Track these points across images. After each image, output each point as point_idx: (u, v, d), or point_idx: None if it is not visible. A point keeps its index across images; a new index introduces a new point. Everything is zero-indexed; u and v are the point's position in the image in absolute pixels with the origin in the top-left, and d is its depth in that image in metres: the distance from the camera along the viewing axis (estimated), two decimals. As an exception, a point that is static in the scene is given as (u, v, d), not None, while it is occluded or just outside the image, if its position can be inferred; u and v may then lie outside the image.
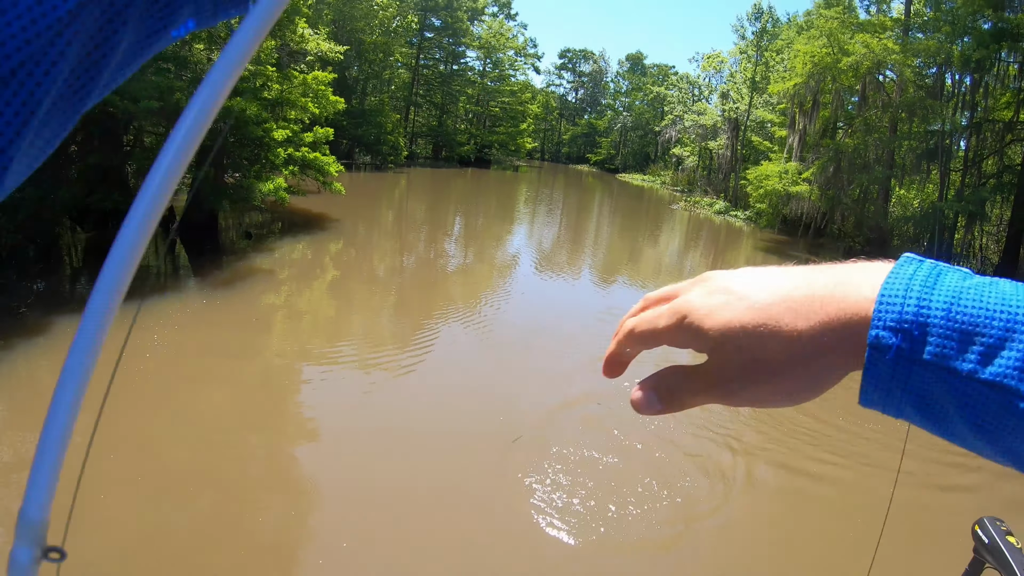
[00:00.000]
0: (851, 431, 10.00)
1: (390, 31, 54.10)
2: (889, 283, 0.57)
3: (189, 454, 7.23)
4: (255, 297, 13.57)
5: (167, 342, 10.38)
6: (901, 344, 0.55)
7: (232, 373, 9.59)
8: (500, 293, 16.25)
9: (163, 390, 8.67)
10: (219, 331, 11.27)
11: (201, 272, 15.17)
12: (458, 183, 50.37)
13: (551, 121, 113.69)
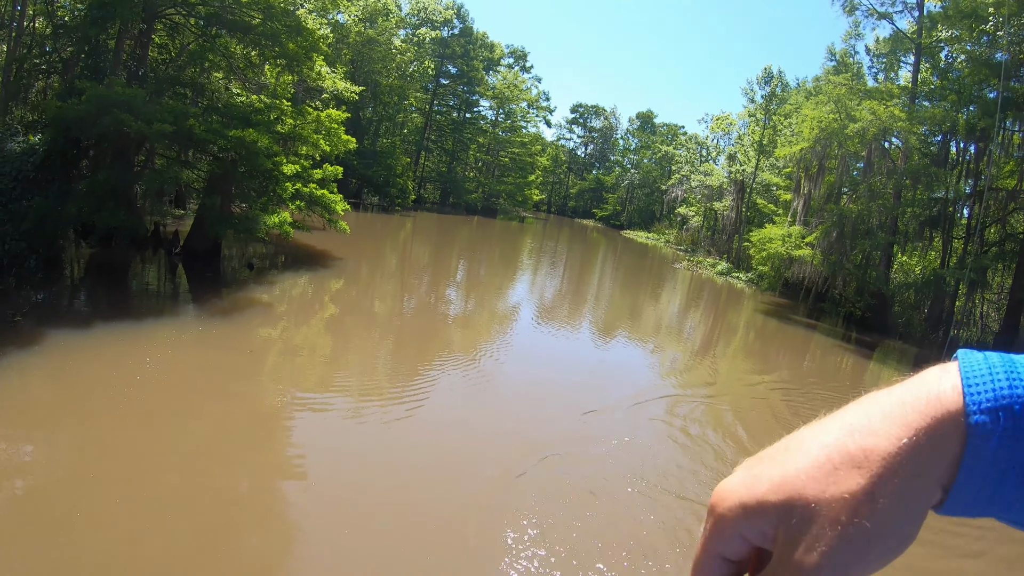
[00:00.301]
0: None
1: (406, 75, 54.86)
2: (966, 369, 0.54)
3: (173, 480, 7.17)
4: (252, 328, 13.52)
5: (160, 365, 10.37)
6: (1005, 424, 0.52)
7: (223, 403, 9.53)
8: (498, 344, 16.11)
9: (151, 413, 8.63)
10: (213, 359, 11.23)
11: (200, 299, 15.20)
12: (464, 230, 50.53)
13: (559, 174, 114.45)
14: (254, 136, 16.73)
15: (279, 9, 20.00)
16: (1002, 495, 0.53)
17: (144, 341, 11.30)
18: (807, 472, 0.56)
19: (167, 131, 15.45)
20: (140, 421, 8.35)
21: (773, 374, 18.57)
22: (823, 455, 0.56)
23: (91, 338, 11.22)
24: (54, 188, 15.86)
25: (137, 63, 19.12)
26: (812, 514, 0.54)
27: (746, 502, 0.58)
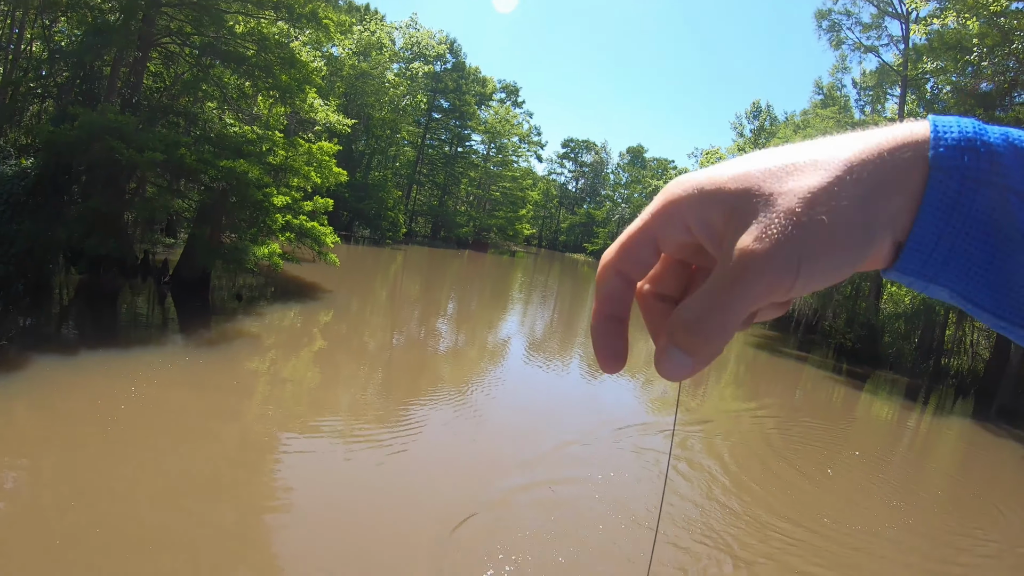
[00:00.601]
0: (838, 538, 9.88)
1: (399, 109, 55.22)
2: (936, 118, 0.54)
3: (158, 513, 7.07)
4: (240, 360, 13.41)
5: (146, 396, 10.26)
6: (968, 163, 0.51)
7: (209, 435, 9.41)
8: (488, 379, 15.93)
9: (136, 444, 8.51)
10: (200, 391, 11.10)
11: (188, 329, 15.10)
12: (454, 264, 50.56)
13: (550, 208, 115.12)
14: (245, 167, 16.75)
15: (273, 41, 20.14)
16: (959, 255, 0.53)
17: (130, 370, 11.19)
18: (769, 169, 0.55)
19: (158, 159, 15.46)
20: (125, 452, 8.24)
21: (764, 407, 18.53)
22: (787, 158, 0.56)
23: (76, 365, 11.12)
24: (44, 212, 15.84)
25: (131, 91, 19.20)
26: (769, 203, 0.53)
27: (704, 186, 0.57)
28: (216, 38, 19.42)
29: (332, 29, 21.99)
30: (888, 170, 0.53)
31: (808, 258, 0.51)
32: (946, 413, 23.16)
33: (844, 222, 0.52)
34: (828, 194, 0.52)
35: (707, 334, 0.55)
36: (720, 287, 0.54)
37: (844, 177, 0.53)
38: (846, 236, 0.52)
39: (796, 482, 11.86)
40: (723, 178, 0.56)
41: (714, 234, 0.57)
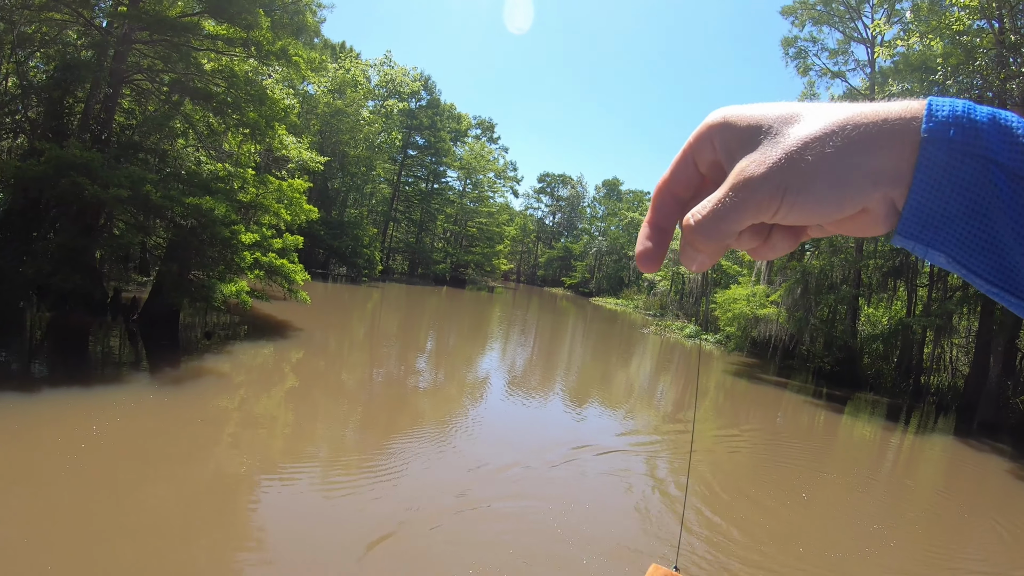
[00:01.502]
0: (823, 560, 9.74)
1: (374, 146, 55.32)
2: (933, 98, 0.60)
3: (124, 552, 6.83)
4: (208, 399, 13.12)
5: (110, 434, 10.00)
6: (953, 136, 0.58)
7: (177, 475, 9.13)
8: (469, 416, 15.61)
9: (101, 482, 8.28)
10: (166, 430, 10.82)
11: (155, 367, 14.83)
12: (432, 300, 50.32)
13: (528, 243, 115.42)
14: (211, 204, 16.56)
15: (242, 78, 20.09)
16: (952, 221, 0.60)
17: (94, 408, 10.94)
18: (782, 115, 0.65)
19: (123, 196, 15.27)
20: (92, 492, 7.99)
21: (745, 434, 18.41)
22: (799, 109, 0.66)
23: (40, 403, 10.88)
24: (12, 248, 15.64)
25: (101, 127, 19.03)
26: (773, 139, 0.63)
27: (730, 116, 0.67)
28: (185, 75, 19.35)
29: (303, 67, 21.99)
30: (876, 133, 0.60)
31: (791, 189, 0.61)
32: (928, 431, 23.15)
33: (826, 166, 0.61)
34: (819, 141, 0.61)
35: (707, 233, 0.65)
36: (720, 196, 0.65)
37: (836, 131, 0.61)
38: (826, 177, 0.61)
39: (774, 507, 11.74)
40: (746, 113, 0.67)
41: (730, 155, 0.67)
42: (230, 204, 17.98)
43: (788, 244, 0.71)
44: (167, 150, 20.49)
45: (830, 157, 0.60)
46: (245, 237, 17.88)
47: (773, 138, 0.64)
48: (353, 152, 51.37)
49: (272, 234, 20.43)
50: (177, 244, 18.10)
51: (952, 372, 31.34)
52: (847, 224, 0.66)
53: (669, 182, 0.73)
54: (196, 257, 18.36)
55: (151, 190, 15.66)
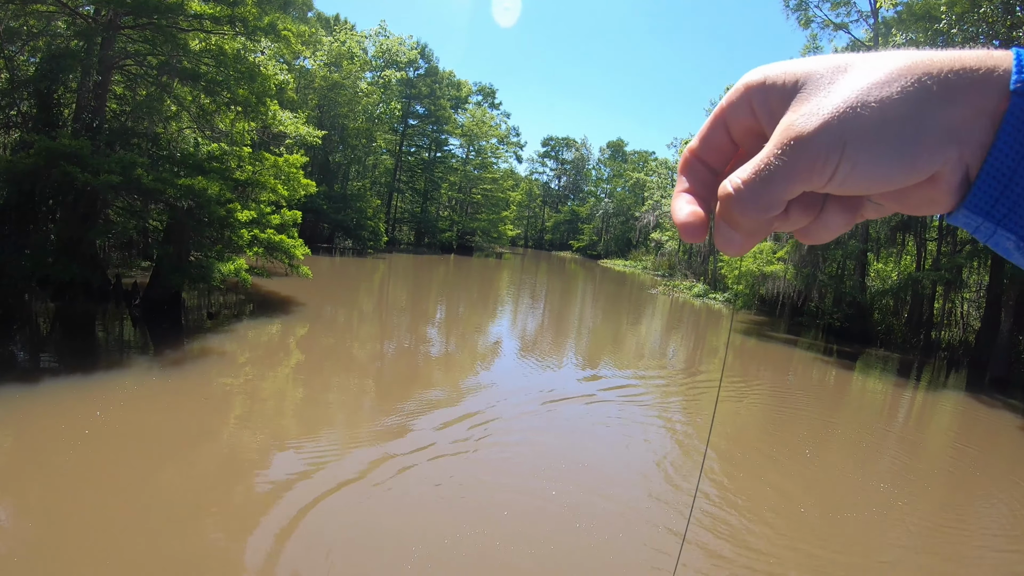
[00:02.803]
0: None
1: (373, 117, 54.92)
2: (1019, 48, 0.52)
3: (137, 537, 6.73)
4: (211, 378, 13.03)
5: (114, 420, 9.91)
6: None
7: (183, 456, 9.03)
8: (484, 386, 15.28)
9: (109, 468, 8.20)
10: (170, 411, 10.74)
11: (157, 351, 14.71)
12: (440, 269, 50.18)
13: (534, 208, 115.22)
14: (204, 184, 16.38)
15: (231, 56, 19.81)
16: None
17: (97, 395, 10.87)
18: (834, 64, 0.56)
19: (114, 182, 15.10)
20: (100, 477, 7.95)
21: (755, 391, 18.26)
22: (852, 58, 0.57)
23: (42, 392, 10.81)
24: (10, 241, 15.57)
25: (93, 115, 18.82)
26: (825, 89, 0.54)
27: (770, 72, 0.58)
28: (172, 56, 19.09)
29: (293, 41, 21.69)
30: (955, 80, 0.52)
31: (853, 142, 0.52)
32: (939, 387, 22.92)
33: (894, 116, 0.51)
34: (883, 86, 0.52)
35: (750, 203, 0.56)
36: (765, 157, 0.55)
37: (905, 75, 0.52)
38: (894, 129, 0.52)
39: (783, 463, 11.60)
40: (791, 68, 0.58)
41: (772, 115, 0.58)
42: (225, 183, 17.81)
43: (843, 221, 0.60)
44: (160, 133, 20.29)
45: (898, 105, 0.51)
46: (242, 215, 17.73)
47: (826, 87, 0.54)
48: (353, 125, 51.00)
49: (271, 210, 20.30)
50: (174, 226, 17.97)
51: (963, 327, 31.08)
52: (911, 195, 0.56)
53: (698, 150, 0.65)
54: (194, 238, 18.22)
55: (142, 174, 15.48)
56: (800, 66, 0.56)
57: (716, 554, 7.90)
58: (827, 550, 8.34)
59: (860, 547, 8.57)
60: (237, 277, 18.09)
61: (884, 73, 0.52)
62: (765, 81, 0.58)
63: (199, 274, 17.53)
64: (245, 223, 18.08)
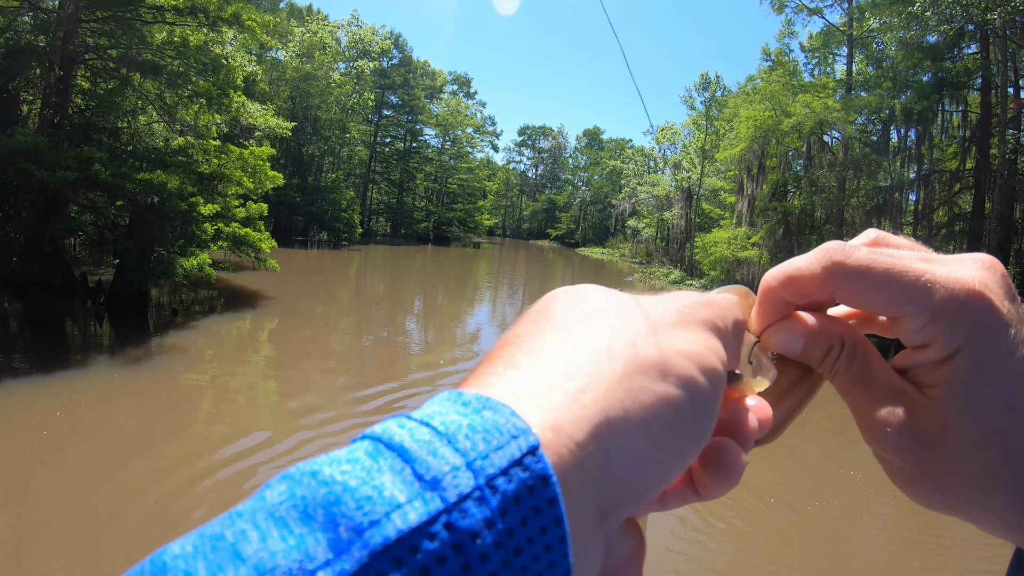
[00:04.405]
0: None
1: (347, 108, 54.55)
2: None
3: (110, 541, 6.52)
4: (176, 374, 12.74)
5: (75, 419, 9.65)
6: None
7: (147, 454, 8.77)
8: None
9: (76, 468, 7.97)
10: (133, 410, 10.50)
11: (122, 348, 14.43)
12: (416, 260, 49.93)
13: (511, 197, 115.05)
14: (163, 178, 16.07)
15: (194, 48, 19.50)
16: None
17: (57, 395, 10.56)
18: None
19: (70, 178, 14.80)
20: (62, 478, 7.68)
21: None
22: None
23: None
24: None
25: (55, 111, 18.47)
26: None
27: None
28: (131, 48, 18.76)
29: (258, 31, 21.34)
30: None
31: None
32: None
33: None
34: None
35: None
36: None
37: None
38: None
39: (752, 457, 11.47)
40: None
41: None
42: (187, 176, 17.52)
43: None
44: (122, 128, 19.96)
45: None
46: (205, 209, 17.45)
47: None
48: (325, 116, 50.56)
49: (237, 204, 20.02)
50: (136, 222, 17.67)
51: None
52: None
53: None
54: (156, 233, 17.92)
55: (100, 169, 15.18)
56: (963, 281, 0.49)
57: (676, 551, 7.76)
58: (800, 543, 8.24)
59: (830, 539, 8.48)
60: (201, 272, 17.83)
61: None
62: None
63: (161, 270, 17.23)
64: (209, 217, 17.80)
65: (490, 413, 0.32)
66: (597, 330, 0.41)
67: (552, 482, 0.30)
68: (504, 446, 0.30)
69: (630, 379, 0.37)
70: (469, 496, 0.28)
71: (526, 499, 0.29)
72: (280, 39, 45.27)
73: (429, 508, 0.27)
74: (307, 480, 0.28)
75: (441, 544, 0.26)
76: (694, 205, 51.42)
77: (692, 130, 59.73)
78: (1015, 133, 25.36)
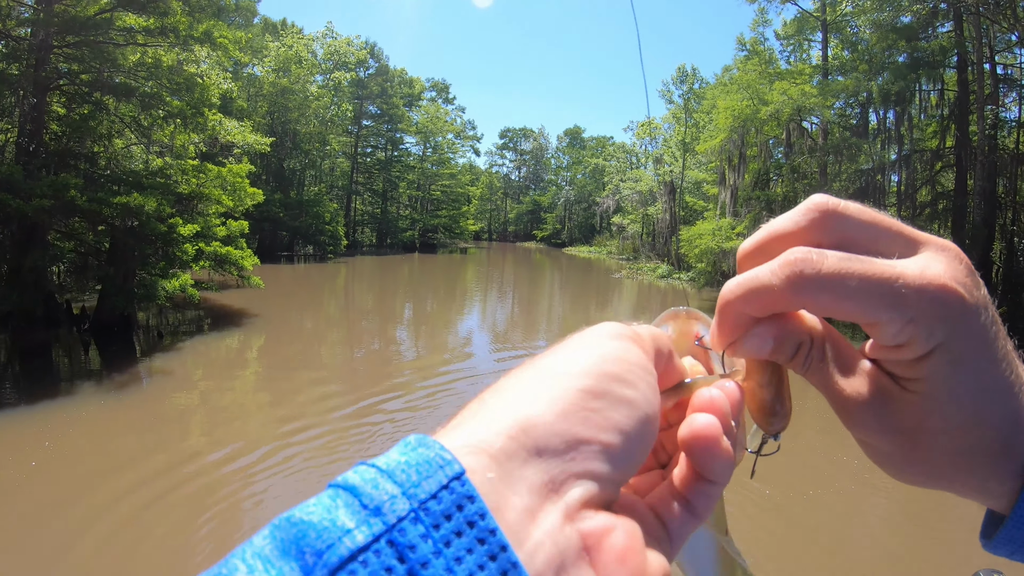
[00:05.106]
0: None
1: (326, 121, 54.41)
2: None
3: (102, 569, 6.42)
4: (165, 397, 12.64)
5: (64, 448, 9.54)
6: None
7: (143, 477, 8.70)
8: (458, 384, 15.17)
9: (61, 498, 7.86)
10: (121, 437, 10.40)
11: (108, 375, 14.29)
12: (404, 269, 49.85)
13: (496, 201, 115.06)
14: (140, 200, 15.94)
15: (166, 68, 19.39)
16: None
17: (44, 426, 10.45)
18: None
19: (46, 206, 14.66)
20: (53, 509, 7.58)
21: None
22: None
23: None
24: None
25: (30, 138, 18.32)
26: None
27: None
28: (101, 72, 18.62)
29: (231, 48, 21.23)
30: None
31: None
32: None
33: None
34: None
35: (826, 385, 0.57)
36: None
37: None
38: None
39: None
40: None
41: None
42: (164, 197, 17.39)
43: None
44: (98, 152, 19.80)
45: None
46: (184, 229, 17.32)
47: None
48: (304, 129, 50.43)
49: (218, 222, 19.91)
50: (116, 246, 17.54)
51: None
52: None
53: None
54: (137, 257, 17.78)
55: (75, 195, 15.05)
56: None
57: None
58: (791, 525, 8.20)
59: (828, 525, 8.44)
60: (184, 293, 17.72)
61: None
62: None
63: (143, 293, 17.13)
64: (189, 237, 17.66)
65: (424, 450, 0.37)
66: (553, 362, 0.47)
67: (477, 499, 0.36)
68: (433, 475, 0.36)
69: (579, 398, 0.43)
70: (405, 518, 0.34)
71: (456, 515, 0.35)
72: (255, 55, 45.09)
73: (373, 530, 0.33)
74: (284, 523, 0.34)
75: (386, 557, 0.33)
76: (677, 198, 51.46)
77: (672, 124, 59.83)
78: (993, 109, 25.41)
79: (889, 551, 7.93)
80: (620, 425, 0.43)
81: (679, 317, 0.67)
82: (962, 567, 6.68)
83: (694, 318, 0.67)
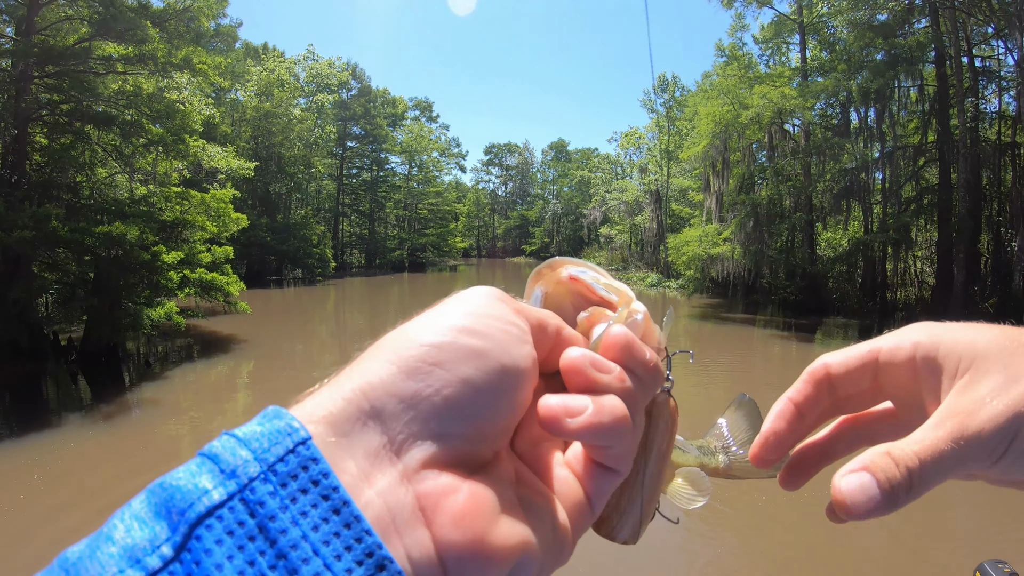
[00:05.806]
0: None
1: (310, 143, 54.40)
2: None
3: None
4: (154, 427, 12.52)
5: (52, 480, 9.42)
6: None
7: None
8: None
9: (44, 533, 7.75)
10: (110, 465, 10.27)
11: (95, 405, 14.14)
12: (393, 289, 49.75)
13: (483, 217, 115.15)
14: (123, 229, 15.82)
15: (147, 95, 19.32)
16: None
17: (32, 459, 10.32)
18: (995, 340, 0.58)
19: (27, 237, 14.55)
20: (40, 546, 7.47)
21: (714, 376, 18.06)
22: (1012, 334, 0.58)
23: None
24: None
25: (12, 170, 18.20)
26: (992, 372, 0.56)
27: (941, 343, 0.60)
28: (80, 101, 18.54)
29: (211, 74, 21.20)
30: None
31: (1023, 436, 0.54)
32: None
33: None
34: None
35: (911, 490, 0.54)
36: (932, 444, 0.54)
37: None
38: None
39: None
40: (959, 335, 0.59)
41: (933, 390, 0.59)
42: (148, 225, 17.28)
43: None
44: (80, 181, 19.69)
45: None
46: (168, 256, 17.21)
47: (998, 371, 0.54)
48: (289, 153, 50.38)
49: (203, 249, 19.79)
50: (100, 276, 17.41)
51: (918, 285, 31.12)
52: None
53: (836, 376, 0.66)
54: (122, 286, 17.64)
55: (57, 226, 14.94)
56: (968, 340, 0.56)
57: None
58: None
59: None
60: (170, 320, 17.58)
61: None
62: (938, 351, 0.58)
63: (129, 322, 17.00)
64: (173, 265, 17.54)
65: (276, 420, 0.41)
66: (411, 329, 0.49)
67: (321, 460, 0.39)
68: (281, 442, 0.39)
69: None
70: (256, 478, 0.37)
71: (301, 475, 0.38)
72: (237, 79, 45.07)
73: (227, 489, 0.37)
74: (156, 488, 0.38)
75: (239, 512, 0.36)
76: (664, 207, 51.51)
77: (655, 133, 59.94)
78: (973, 101, 25.53)
79: (890, 551, 7.87)
80: (466, 377, 0.44)
81: (543, 274, 0.65)
82: (966, 563, 6.64)
83: (558, 265, 0.65)
